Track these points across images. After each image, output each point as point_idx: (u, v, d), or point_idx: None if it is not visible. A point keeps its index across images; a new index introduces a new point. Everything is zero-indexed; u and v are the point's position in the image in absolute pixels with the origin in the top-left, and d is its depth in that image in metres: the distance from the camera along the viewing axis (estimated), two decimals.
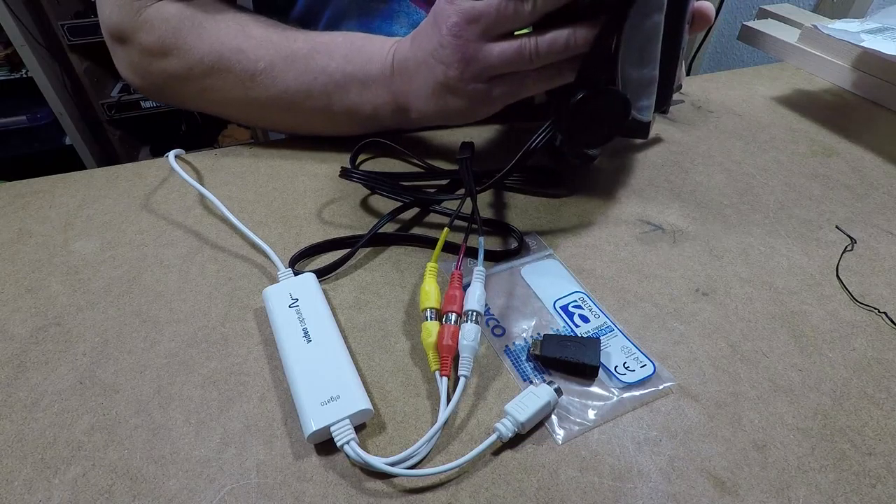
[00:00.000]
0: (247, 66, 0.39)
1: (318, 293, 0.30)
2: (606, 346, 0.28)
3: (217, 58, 0.39)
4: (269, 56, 0.39)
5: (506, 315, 0.30)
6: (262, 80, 0.39)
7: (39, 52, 1.33)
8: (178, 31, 0.40)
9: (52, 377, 0.27)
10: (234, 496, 0.22)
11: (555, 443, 0.24)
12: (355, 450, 0.23)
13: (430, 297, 0.29)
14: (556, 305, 0.31)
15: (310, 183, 0.40)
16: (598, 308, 0.31)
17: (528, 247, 0.35)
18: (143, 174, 0.41)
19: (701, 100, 0.52)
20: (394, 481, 0.23)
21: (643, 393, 0.26)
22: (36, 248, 0.35)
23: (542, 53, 0.32)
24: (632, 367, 0.27)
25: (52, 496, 0.22)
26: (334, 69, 0.39)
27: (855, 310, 0.31)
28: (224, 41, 0.39)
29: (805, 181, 0.41)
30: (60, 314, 0.30)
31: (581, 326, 0.29)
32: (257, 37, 0.40)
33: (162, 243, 0.35)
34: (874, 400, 0.26)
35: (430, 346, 0.27)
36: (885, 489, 0.23)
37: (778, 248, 0.35)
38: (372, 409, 0.24)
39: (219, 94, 0.41)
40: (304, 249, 0.33)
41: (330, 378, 0.25)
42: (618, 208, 0.38)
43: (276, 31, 0.40)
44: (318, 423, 0.23)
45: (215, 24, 0.40)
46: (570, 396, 0.26)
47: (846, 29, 0.52)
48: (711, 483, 0.23)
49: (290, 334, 0.27)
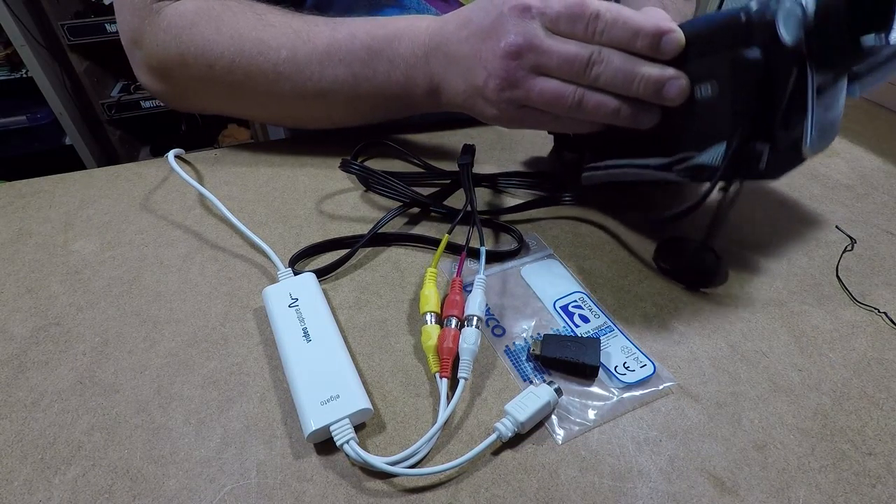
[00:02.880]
0: (269, 56, 0.38)
1: (318, 293, 0.30)
2: (606, 346, 0.28)
3: (238, 51, 0.38)
4: (290, 43, 0.38)
5: (505, 315, 0.30)
6: (286, 70, 0.38)
7: (39, 52, 1.33)
8: (196, 27, 0.38)
9: (52, 377, 0.27)
10: (234, 496, 0.22)
11: (555, 443, 0.24)
12: (355, 449, 0.23)
13: (430, 301, 0.29)
14: (556, 305, 0.31)
15: (309, 183, 0.40)
16: (598, 308, 0.30)
17: (528, 247, 0.35)
18: (143, 174, 0.41)
19: None
20: (394, 481, 0.23)
21: (643, 393, 0.26)
22: (36, 248, 0.35)
23: (582, 110, 0.31)
24: (632, 367, 0.27)
25: (52, 496, 0.22)
26: (359, 48, 0.37)
27: (855, 310, 0.31)
28: (243, 33, 0.38)
29: (805, 181, 0.41)
30: (60, 314, 0.30)
31: (581, 326, 0.29)
32: (277, 24, 0.38)
33: (162, 243, 0.35)
34: (874, 400, 0.26)
35: (431, 349, 0.27)
36: (885, 489, 0.23)
37: (778, 248, 0.35)
38: (371, 408, 0.24)
39: (245, 91, 0.40)
40: (305, 249, 0.33)
41: (329, 378, 0.25)
42: (618, 208, 0.38)
43: (294, 17, 0.39)
44: (317, 422, 0.23)
45: (233, 15, 0.39)
46: (570, 396, 0.26)
47: None
48: (711, 483, 0.23)
49: (290, 334, 0.27)
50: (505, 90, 0.32)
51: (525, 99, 0.32)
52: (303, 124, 0.45)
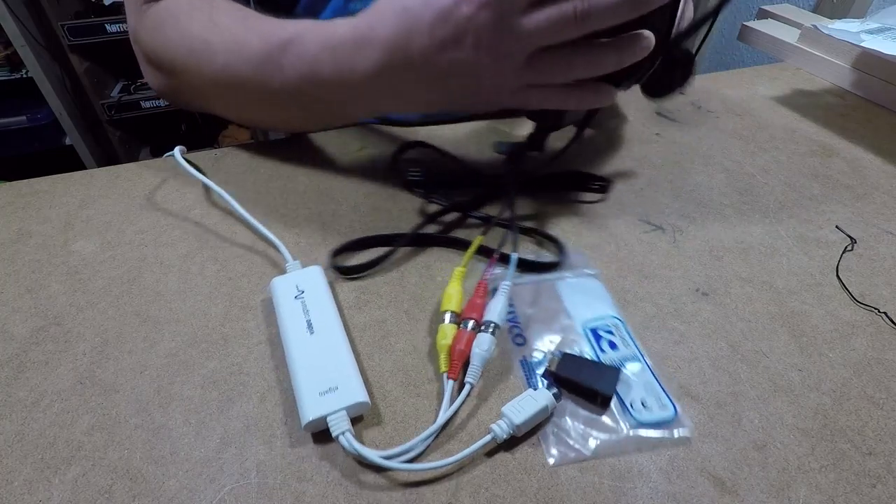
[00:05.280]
0: (212, 59, 0.35)
1: (324, 286, 0.30)
2: (628, 377, 0.27)
3: (187, 51, 0.36)
4: (226, 48, 0.35)
5: (530, 326, 0.29)
6: (224, 78, 0.35)
7: (39, 52, 1.33)
8: (162, 27, 0.37)
9: (52, 377, 0.27)
10: (234, 496, 0.22)
11: (546, 462, 0.24)
12: (350, 441, 0.23)
13: (452, 301, 0.29)
14: (585, 326, 0.29)
15: (310, 183, 0.40)
16: (630, 337, 0.29)
17: (571, 261, 0.33)
18: (143, 174, 0.41)
19: (701, 100, 0.52)
20: (393, 478, 0.23)
21: (655, 436, 0.24)
22: (36, 248, 0.35)
23: (592, 5, 0.26)
24: (650, 405, 0.25)
25: (52, 496, 0.22)
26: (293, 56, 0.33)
27: (855, 310, 0.31)
28: (193, 33, 0.36)
29: (805, 181, 0.41)
30: (60, 314, 0.30)
31: (607, 353, 0.28)
32: (222, 25, 0.35)
33: (162, 243, 0.35)
34: (874, 400, 0.26)
35: (444, 349, 0.27)
36: (885, 489, 0.23)
37: (778, 248, 0.35)
38: (369, 401, 0.25)
39: (205, 93, 0.38)
40: (345, 244, 0.34)
41: (329, 369, 0.25)
42: (618, 208, 0.38)
43: (242, 19, 0.36)
44: (314, 412, 0.23)
45: (190, 14, 0.36)
46: (576, 421, 0.25)
47: (846, 29, 0.52)
48: (711, 483, 0.23)
49: (294, 325, 0.27)
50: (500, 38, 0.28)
51: (527, 36, 0.28)
52: (272, 128, 0.43)
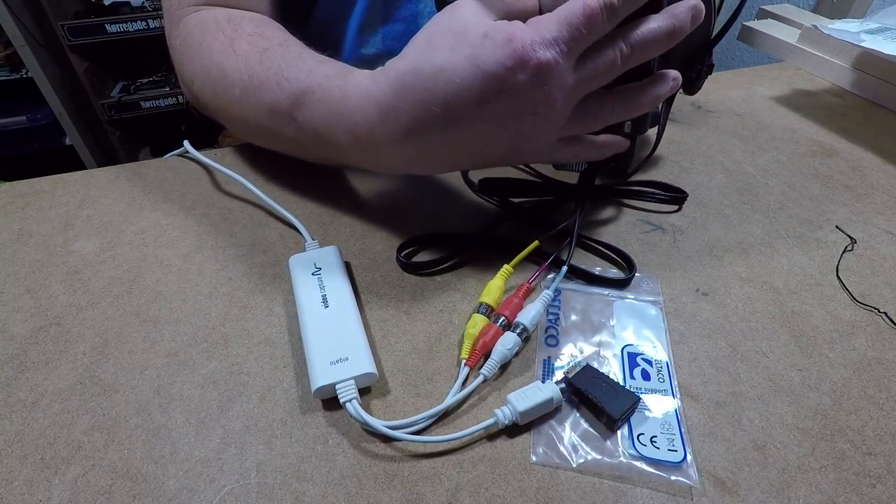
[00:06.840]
0: (228, 90, 0.34)
1: (341, 266, 0.31)
2: (648, 410, 0.25)
3: (204, 76, 0.35)
4: (242, 83, 0.33)
5: (568, 332, 0.29)
6: (239, 113, 0.34)
7: (39, 52, 1.33)
8: (189, 43, 0.36)
9: (52, 377, 0.27)
10: (234, 496, 0.22)
11: (527, 459, 0.23)
12: (356, 408, 0.24)
13: (490, 294, 0.30)
14: (625, 350, 0.28)
15: (310, 182, 0.40)
16: (669, 375, 0.27)
17: (638, 284, 0.32)
18: (143, 174, 0.41)
19: (701, 100, 0.52)
20: (392, 480, 0.23)
21: (652, 473, 0.23)
22: (36, 248, 0.35)
23: (635, 45, 0.26)
24: (660, 444, 0.24)
25: (52, 496, 0.22)
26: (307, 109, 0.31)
27: (855, 310, 0.31)
28: (214, 58, 0.34)
29: (805, 181, 0.41)
30: (60, 314, 0.30)
31: (636, 380, 0.26)
32: (241, 54, 0.33)
33: (162, 243, 0.35)
34: (874, 400, 0.26)
35: (470, 337, 0.28)
36: (885, 489, 0.23)
37: (778, 248, 0.35)
38: (377, 373, 0.26)
39: (221, 116, 0.37)
40: (410, 239, 0.34)
41: (341, 341, 0.27)
42: (618, 208, 0.38)
43: (262, 50, 0.33)
44: (324, 379, 0.25)
45: (214, 36, 0.35)
46: (574, 431, 0.25)
47: (846, 29, 0.52)
48: (711, 483, 0.23)
49: (310, 299, 0.29)
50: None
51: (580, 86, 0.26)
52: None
